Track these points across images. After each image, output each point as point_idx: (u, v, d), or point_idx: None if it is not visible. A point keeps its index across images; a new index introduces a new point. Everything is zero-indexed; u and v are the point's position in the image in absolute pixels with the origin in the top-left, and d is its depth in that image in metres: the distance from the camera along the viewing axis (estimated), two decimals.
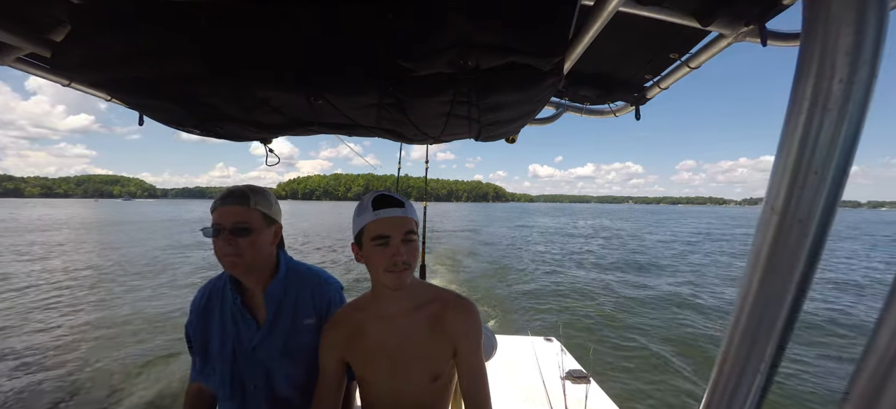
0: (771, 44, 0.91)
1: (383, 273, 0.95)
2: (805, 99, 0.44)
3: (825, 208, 0.45)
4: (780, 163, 0.47)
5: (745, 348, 0.51)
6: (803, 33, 0.45)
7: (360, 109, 1.17)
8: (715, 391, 0.55)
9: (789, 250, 0.46)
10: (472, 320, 1.06)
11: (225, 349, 1.14)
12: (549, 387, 2.33)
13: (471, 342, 1.05)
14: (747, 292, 0.51)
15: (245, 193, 1.10)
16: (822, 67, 0.43)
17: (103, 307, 7.72)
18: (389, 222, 0.95)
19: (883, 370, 0.37)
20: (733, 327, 0.53)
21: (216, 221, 1.07)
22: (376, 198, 0.98)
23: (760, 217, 0.50)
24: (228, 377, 1.14)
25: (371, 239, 0.95)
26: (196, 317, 1.20)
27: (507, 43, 0.74)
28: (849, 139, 0.43)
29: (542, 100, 1.10)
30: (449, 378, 1.10)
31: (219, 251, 1.06)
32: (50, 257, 14.26)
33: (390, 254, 0.94)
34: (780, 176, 0.47)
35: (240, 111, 1.22)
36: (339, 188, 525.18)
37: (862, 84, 0.42)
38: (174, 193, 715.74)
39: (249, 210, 1.08)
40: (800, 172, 0.45)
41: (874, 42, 0.41)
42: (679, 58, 1.19)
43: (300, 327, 1.16)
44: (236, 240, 1.05)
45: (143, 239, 21.57)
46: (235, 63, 0.87)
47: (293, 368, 1.15)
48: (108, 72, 0.94)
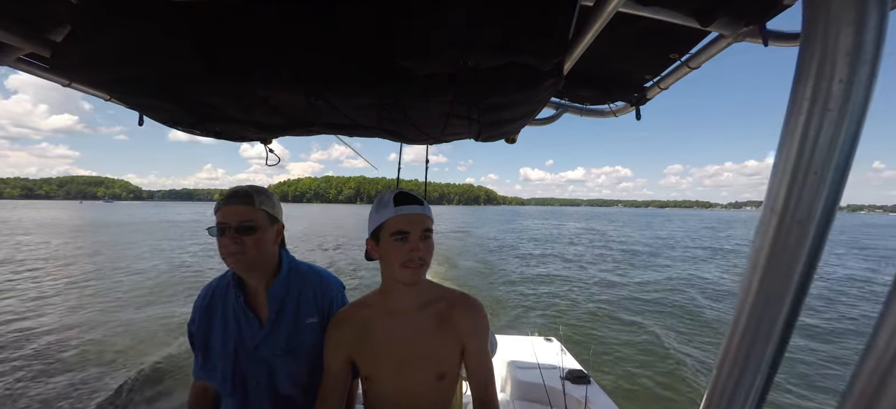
0: (771, 44, 0.91)
1: (399, 268, 0.96)
2: (805, 99, 0.44)
3: (825, 208, 0.45)
4: (780, 163, 0.47)
5: (745, 348, 0.51)
6: (803, 33, 0.45)
7: (360, 109, 1.17)
8: (715, 390, 0.55)
9: (789, 251, 0.46)
10: (480, 318, 1.07)
11: (227, 347, 1.15)
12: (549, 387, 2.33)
13: (479, 340, 1.07)
14: (747, 293, 0.51)
15: (249, 192, 1.11)
16: (822, 67, 0.43)
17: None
18: (409, 218, 0.96)
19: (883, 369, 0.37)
20: (733, 327, 0.52)
21: (221, 220, 1.08)
22: (397, 195, 1.00)
23: (760, 217, 0.50)
24: (230, 375, 1.15)
25: (390, 234, 0.96)
26: (199, 315, 1.21)
27: (507, 43, 0.74)
28: (849, 139, 0.43)
29: (542, 100, 1.10)
30: (454, 378, 1.10)
31: (224, 250, 1.07)
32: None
33: (408, 249, 0.95)
34: (780, 176, 0.47)
35: (240, 111, 1.22)
36: (331, 191, 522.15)
37: (862, 84, 0.42)
38: (161, 196, 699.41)
39: (254, 209, 1.10)
40: (800, 172, 0.45)
41: (874, 42, 0.41)
42: (679, 58, 1.19)
43: (302, 326, 1.17)
44: (241, 238, 1.07)
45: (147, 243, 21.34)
46: (235, 63, 0.87)
47: (295, 366, 1.16)
48: (108, 72, 0.94)
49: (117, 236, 24.61)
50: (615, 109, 1.61)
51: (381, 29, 0.74)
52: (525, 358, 2.81)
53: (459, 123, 1.27)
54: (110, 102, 1.33)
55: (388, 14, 0.71)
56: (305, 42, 0.79)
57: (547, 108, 1.61)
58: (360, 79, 0.92)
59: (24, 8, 0.88)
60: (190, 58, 0.84)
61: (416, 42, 0.76)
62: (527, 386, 2.55)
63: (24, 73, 1.14)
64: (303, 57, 0.84)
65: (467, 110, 1.14)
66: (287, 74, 0.91)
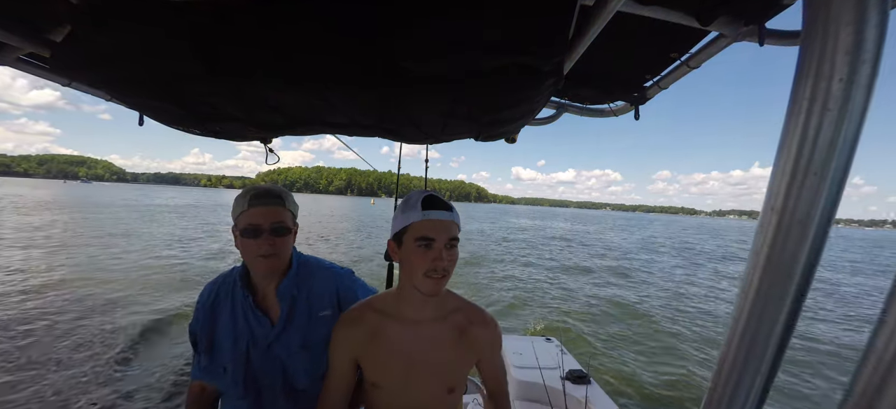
0: (771, 44, 0.91)
1: (422, 277, 0.91)
2: (805, 99, 0.44)
3: (825, 208, 0.45)
4: (780, 163, 0.47)
5: (745, 348, 0.51)
6: (803, 33, 0.45)
7: (360, 109, 1.17)
8: (715, 390, 0.55)
9: (789, 251, 0.46)
10: (496, 334, 1.08)
11: (238, 347, 1.13)
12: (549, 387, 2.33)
13: (495, 353, 1.09)
14: (747, 293, 0.51)
15: (281, 193, 1.10)
16: (822, 67, 0.43)
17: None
18: (437, 224, 0.91)
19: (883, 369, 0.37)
20: (733, 327, 0.52)
21: (253, 221, 1.05)
22: (426, 198, 0.94)
23: (760, 217, 0.50)
24: (242, 376, 1.13)
25: (415, 239, 0.91)
26: (203, 315, 1.18)
27: (507, 43, 0.74)
28: (849, 139, 0.43)
29: (541, 100, 1.10)
30: (462, 392, 1.11)
31: (254, 251, 1.05)
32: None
33: (433, 258, 0.90)
34: (780, 176, 0.47)
35: (240, 111, 1.22)
36: (321, 181, 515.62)
37: (862, 84, 0.42)
38: (146, 179, 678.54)
39: (285, 211, 1.09)
40: (799, 172, 0.45)
41: (874, 42, 0.41)
42: (679, 58, 1.19)
43: (317, 320, 1.16)
44: (275, 240, 1.06)
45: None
46: (235, 63, 0.87)
47: (311, 360, 1.15)
48: (108, 72, 0.94)
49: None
50: (615, 109, 1.61)
51: (381, 29, 0.74)
52: (525, 358, 2.81)
53: (459, 122, 1.27)
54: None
55: (389, 14, 0.71)
56: (306, 42, 0.79)
57: (547, 107, 1.62)
58: (360, 79, 0.92)
59: (24, 8, 0.88)
60: (190, 58, 0.84)
61: (416, 42, 0.76)
62: (527, 386, 2.54)
63: (24, 72, 1.14)
64: (303, 57, 0.84)
65: (467, 110, 1.14)
66: (287, 75, 0.91)
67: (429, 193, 0.96)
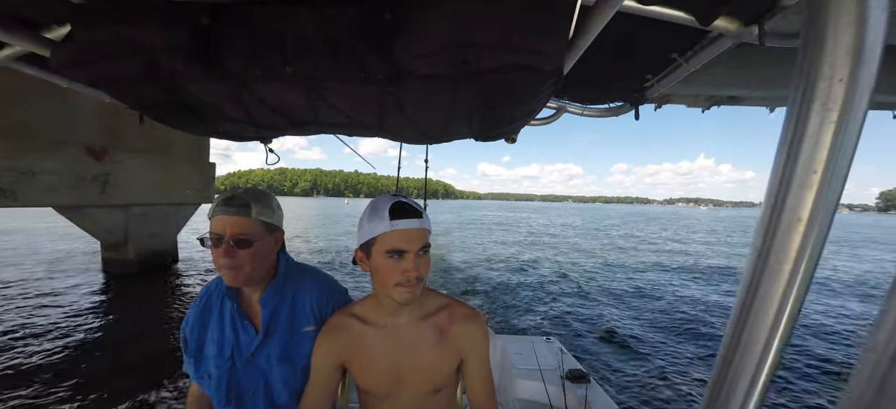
0: (771, 44, 0.91)
1: (394, 287, 0.89)
2: (805, 99, 0.44)
3: (825, 208, 0.45)
4: (780, 163, 0.47)
5: (745, 348, 0.51)
6: (803, 33, 0.45)
7: (359, 110, 1.17)
8: (715, 390, 0.55)
9: (789, 251, 0.46)
10: (480, 330, 1.03)
11: (223, 354, 1.12)
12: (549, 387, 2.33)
13: (479, 353, 1.03)
14: (747, 292, 0.51)
15: (247, 202, 1.05)
16: (823, 67, 0.43)
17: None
18: (407, 234, 0.87)
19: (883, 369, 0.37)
20: (733, 327, 0.53)
21: (215, 230, 1.02)
22: (394, 206, 0.89)
23: (760, 217, 0.50)
24: (225, 384, 1.11)
25: (385, 251, 0.88)
26: (194, 320, 1.17)
27: (506, 43, 0.74)
28: (849, 139, 0.43)
29: (541, 100, 1.10)
30: (451, 391, 1.08)
31: (217, 262, 1.02)
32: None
33: (404, 269, 0.87)
34: (780, 176, 0.47)
35: (239, 111, 1.22)
36: (286, 183, 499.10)
37: (862, 84, 0.42)
38: None
39: (251, 221, 1.04)
40: (800, 172, 0.45)
41: (875, 42, 0.41)
42: (679, 58, 1.19)
43: (299, 334, 1.13)
44: (236, 251, 1.01)
45: None
46: (235, 63, 0.87)
47: (292, 374, 1.12)
48: (108, 72, 0.94)
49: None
50: (614, 109, 1.61)
51: (381, 29, 0.74)
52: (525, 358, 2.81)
53: (459, 123, 1.27)
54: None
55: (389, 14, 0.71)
56: (306, 42, 0.79)
57: (546, 107, 1.62)
58: (360, 79, 0.92)
59: (24, 8, 0.88)
60: (190, 58, 0.84)
61: (416, 42, 0.76)
62: (527, 386, 2.55)
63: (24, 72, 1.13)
64: (303, 57, 0.84)
65: (467, 111, 1.14)
66: (287, 75, 0.91)
67: (397, 200, 0.92)
